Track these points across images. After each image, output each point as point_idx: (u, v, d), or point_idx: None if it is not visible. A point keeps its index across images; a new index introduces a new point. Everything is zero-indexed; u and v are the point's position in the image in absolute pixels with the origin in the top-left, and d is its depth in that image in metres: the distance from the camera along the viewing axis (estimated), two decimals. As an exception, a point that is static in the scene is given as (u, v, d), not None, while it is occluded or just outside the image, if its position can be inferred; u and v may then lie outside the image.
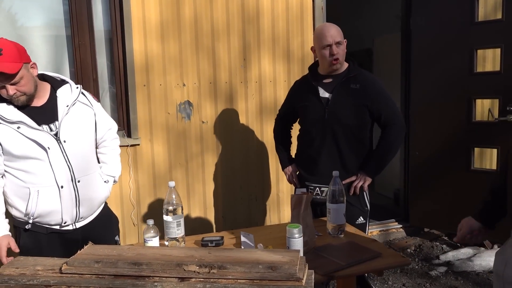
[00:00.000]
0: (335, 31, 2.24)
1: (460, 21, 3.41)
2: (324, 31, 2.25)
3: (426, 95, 3.65)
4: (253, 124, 3.42)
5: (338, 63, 2.27)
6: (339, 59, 2.26)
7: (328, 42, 2.24)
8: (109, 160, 2.13)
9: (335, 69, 2.31)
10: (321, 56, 2.29)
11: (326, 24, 2.30)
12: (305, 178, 2.46)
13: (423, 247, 3.78)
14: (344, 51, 2.27)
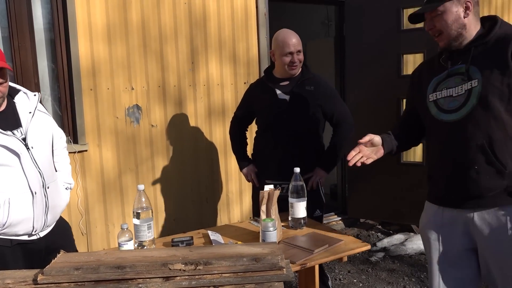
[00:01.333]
0: (296, 40, 2.40)
1: (389, 29, 3.76)
2: (287, 39, 2.39)
3: (360, 97, 3.96)
4: (202, 126, 3.48)
5: (296, 68, 2.43)
6: (298, 65, 2.43)
7: (291, 50, 2.39)
8: (63, 168, 2.09)
9: (293, 74, 2.46)
10: (282, 61, 2.43)
11: (288, 32, 2.44)
12: (265, 176, 2.58)
13: (361, 236, 4.09)
14: (302, 57, 2.44)
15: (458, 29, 1.63)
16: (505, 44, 1.55)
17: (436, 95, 1.70)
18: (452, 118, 1.64)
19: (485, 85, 1.55)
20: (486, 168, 1.58)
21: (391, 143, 1.85)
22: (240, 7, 3.52)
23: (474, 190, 1.61)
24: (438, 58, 1.76)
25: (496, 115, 1.56)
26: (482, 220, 1.63)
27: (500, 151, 1.57)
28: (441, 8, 1.61)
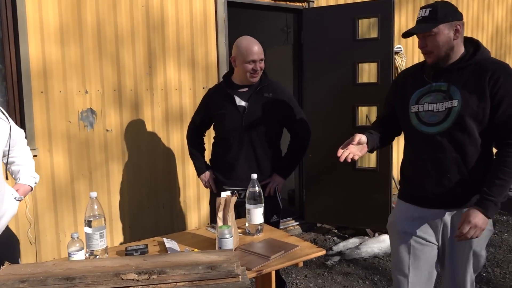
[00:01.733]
0: (259, 49, 2.41)
1: (344, 38, 3.86)
2: (251, 47, 2.39)
3: (317, 103, 4.04)
4: (160, 131, 3.42)
5: (258, 77, 2.44)
6: (259, 74, 2.44)
7: (254, 58, 2.39)
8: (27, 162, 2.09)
9: (253, 82, 2.47)
10: (244, 68, 2.42)
11: (251, 40, 2.43)
12: (222, 183, 2.57)
13: (317, 240, 4.15)
14: (263, 66, 2.45)
15: (447, 50, 1.79)
16: (483, 72, 1.75)
17: (418, 107, 1.87)
18: (431, 131, 1.83)
19: (464, 107, 1.75)
20: (457, 177, 1.81)
21: (374, 141, 1.99)
22: (199, 12, 3.50)
23: (444, 194, 1.83)
24: (421, 71, 1.92)
25: (470, 133, 1.77)
26: (449, 217, 1.85)
27: (470, 163, 1.79)
28: (435, 30, 1.75)
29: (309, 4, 4.09)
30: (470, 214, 1.72)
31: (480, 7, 5.58)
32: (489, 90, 1.72)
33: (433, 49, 1.78)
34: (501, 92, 1.72)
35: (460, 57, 1.82)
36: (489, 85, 1.72)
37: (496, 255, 3.73)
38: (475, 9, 5.53)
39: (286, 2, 3.98)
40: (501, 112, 1.73)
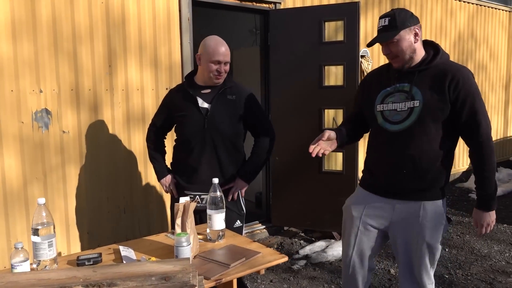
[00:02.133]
0: (227, 50, 2.33)
1: (311, 40, 3.84)
2: (219, 48, 2.31)
3: (283, 106, 4.00)
4: (120, 133, 3.29)
5: (221, 79, 2.37)
6: (223, 76, 2.36)
7: (219, 59, 2.31)
8: None
9: (217, 83, 2.39)
10: (207, 68, 2.34)
11: (219, 40, 2.35)
12: (184, 187, 2.48)
13: (284, 244, 4.11)
14: (228, 68, 2.38)
15: (411, 54, 1.93)
16: (444, 76, 1.89)
17: (383, 106, 2.02)
18: (394, 129, 1.97)
19: (424, 107, 1.89)
20: (412, 173, 1.96)
21: (342, 137, 2.12)
22: (162, 10, 3.39)
23: (399, 186, 2.00)
24: (387, 72, 2.07)
25: (428, 132, 1.92)
26: (401, 209, 2.02)
27: (425, 161, 1.94)
28: (397, 37, 1.89)
29: (275, 5, 4.05)
30: (478, 217, 1.98)
31: (443, 13, 5.71)
32: (449, 93, 1.86)
33: (398, 54, 1.92)
34: (462, 95, 1.86)
35: (422, 59, 1.95)
36: (449, 89, 1.86)
37: (459, 257, 3.80)
38: (438, 15, 5.65)
39: (253, 3, 3.93)
40: (466, 113, 1.87)
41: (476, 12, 6.18)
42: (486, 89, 6.55)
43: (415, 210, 1.98)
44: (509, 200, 5.52)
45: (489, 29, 6.45)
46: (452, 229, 4.49)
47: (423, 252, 1.99)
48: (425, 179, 1.95)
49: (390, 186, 2.02)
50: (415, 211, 1.98)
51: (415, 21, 1.92)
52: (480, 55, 6.37)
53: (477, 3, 6.15)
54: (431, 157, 1.93)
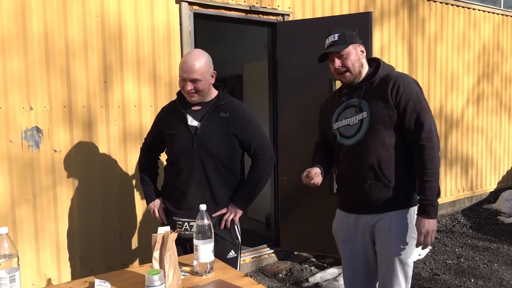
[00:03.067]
0: (194, 67, 2.09)
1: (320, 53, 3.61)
2: (184, 64, 2.11)
3: (292, 122, 3.77)
4: (116, 152, 3.12)
5: (194, 97, 2.17)
6: (196, 94, 2.16)
7: (183, 77, 2.12)
8: None
9: (194, 101, 2.20)
10: (179, 85, 2.18)
11: (191, 55, 2.14)
12: (172, 213, 2.27)
13: (293, 270, 3.83)
14: (203, 85, 2.15)
15: (359, 67, 2.03)
16: (386, 84, 1.98)
17: (338, 124, 2.10)
18: (350, 143, 2.05)
19: (372, 116, 1.98)
20: (375, 183, 2.00)
21: (325, 168, 2.19)
22: (162, 23, 3.24)
23: (368, 200, 2.02)
24: (339, 93, 2.18)
25: (381, 140, 1.98)
26: (375, 222, 2.04)
27: (386, 168, 1.98)
28: (346, 50, 2.00)
29: (283, 17, 3.86)
30: (419, 224, 1.95)
31: (466, 24, 5.40)
32: (392, 99, 1.94)
33: (348, 67, 2.00)
34: (403, 99, 1.94)
35: (366, 74, 2.06)
36: (391, 95, 1.94)
37: (485, 289, 3.44)
38: (461, 27, 5.35)
39: (259, 15, 3.74)
40: (408, 117, 1.94)
41: (502, 23, 5.84)
42: (514, 104, 6.16)
43: (385, 221, 2.01)
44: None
45: (516, 41, 6.09)
46: (479, 256, 4.11)
47: (395, 268, 2.01)
48: (390, 187, 1.99)
49: (358, 201, 2.06)
50: (386, 223, 2.01)
51: (359, 41, 2.06)
52: (508, 67, 6.00)
53: (503, 13, 5.82)
54: (391, 164, 1.98)
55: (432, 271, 3.77)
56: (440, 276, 3.69)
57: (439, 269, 3.82)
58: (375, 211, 2.03)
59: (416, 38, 4.88)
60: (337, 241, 2.23)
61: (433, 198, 1.94)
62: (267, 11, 3.74)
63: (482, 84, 5.66)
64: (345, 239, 2.15)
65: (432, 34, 5.03)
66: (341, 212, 2.20)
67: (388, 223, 2.01)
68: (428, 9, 4.96)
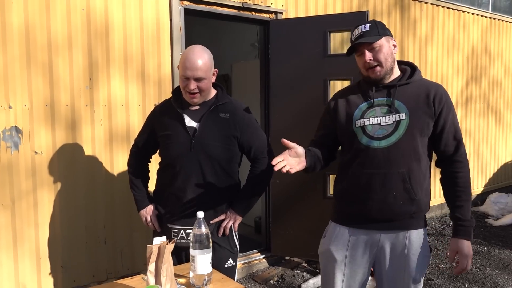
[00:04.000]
0: (198, 65, 1.95)
1: (315, 52, 3.52)
2: (188, 60, 1.96)
3: (284, 124, 3.66)
4: (101, 154, 2.95)
5: (196, 98, 2.03)
6: (198, 95, 2.02)
7: (187, 75, 1.98)
8: None
9: (193, 103, 2.06)
10: (181, 84, 2.03)
11: (194, 51, 1.99)
12: (167, 220, 2.13)
13: (285, 276, 3.72)
14: (207, 85, 2.01)
15: (392, 63, 1.81)
16: (427, 90, 1.81)
17: (363, 121, 1.82)
18: (381, 145, 1.78)
19: (412, 120, 1.77)
20: (402, 195, 1.77)
21: (312, 159, 1.87)
22: (151, 18, 3.08)
23: (387, 213, 1.79)
24: (358, 89, 1.91)
25: (415, 148, 1.78)
26: (387, 241, 1.83)
27: (414, 180, 1.78)
28: (379, 42, 1.77)
29: (277, 15, 3.74)
30: (461, 247, 1.78)
31: (456, 27, 5.39)
32: (434, 107, 1.78)
33: (380, 61, 1.78)
34: (445, 111, 1.78)
35: (400, 74, 1.86)
36: (434, 103, 1.78)
37: (480, 294, 3.39)
38: (451, 29, 5.33)
39: (252, 12, 3.62)
40: (447, 130, 1.79)
41: (490, 26, 5.86)
42: (500, 107, 6.18)
43: (400, 241, 1.82)
44: None
45: (504, 44, 6.12)
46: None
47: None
48: (414, 202, 1.79)
49: (378, 213, 1.80)
50: (401, 243, 1.82)
51: (391, 34, 1.86)
52: (495, 71, 6.02)
53: (492, 16, 5.84)
54: (419, 176, 1.80)
55: (426, 276, 3.71)
56: (434, 281, 3.63)
57: (432, 274, 3.76)
58: (391, 227, 1.81)
59: (408, 39, 4.83)
60: (326, 262, 1.94)
61: (470, 217, 1.80)
62: (260, 8, 3.61)
63: (471, 87, 5.66)
64: (343, 260, 1.88)
65: (423, 36, 4.99)
66: (340, 227, 1.91)
67: (405, 243, 1.81)
68: (420, 10, 4.92)
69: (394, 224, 1.81)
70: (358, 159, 1.83)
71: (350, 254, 1.87)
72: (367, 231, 1.85)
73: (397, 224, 1.81)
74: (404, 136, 1.75)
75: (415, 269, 1.81)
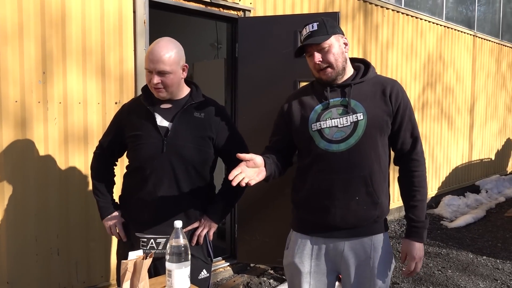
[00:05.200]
0: (162, 57, 1.78)
1: (285, 53, 3.42)
2: (150, 54, 1.80)
3: (252, 126, 3.52)
4: (55, 155, 2.67)
5: (162, 92, 1.86)
6: (164, 90, 1.85)
7: (149, 68, 1.81)
8: None
9: (162, 98, 1.89)
10: (146, 79, 1.87)
11: (159, 43, 1.82)
12: (135, 228, 1.92)
13: (251, 284, 3.58)
14: (172, 80, 1.84)
15: (343, 63, 1.72)
16: (382, 87, 1.72)
17: (320, 124, 1.72)
18: (340, 148, 1.68)
19: (370, 119, 1.67)
20: (365, 199, 1.69)
21: (272, 167, 1.75)
22: (113, 9, 2.84)
23: (351, 220, 1.70)
24: (312, 92, 1.80)
25: (375, 148, 1.69)
26: (350, 249, 1.73)
27: (376, 182, 1.70)
28: (328, 41, 1.67)
29: (245, 13, 3.61)
30: (411, 248, 1.73)
31: (414, 33, 5.52)
32: (392, 105, 1.70)
33: (330, 61, 1.69)
34: (402, 107, 1.71)
35: (354, 73, 1.78)
36: (391, 99, 1.70)
37: (445, 297, 3.43)
38: (410, 35, 5.45)
39: (219, 8, 3.46)
40: (404, 127, 1.72)
41: (444, 34, 6.06)
42: (452, 113, 6.42)
43: (365, 248, 1.73)
44: (481, 228, 5.30)
45: (456, 52, 6.37)
46: (432, 262, 4.13)
47: None
48: (377, 206, 1.71)
49: (341, 219, 1.70)
50: (366, 249, 1.73)
51: (342, 32, 1.77)
52: (448, 78, 6.25)
53: (445, 25, 6.05)
54: (380, 178, 1.72)
55: (391, 280, 3.71)
56: (400, 285, 3.64)
57: (397, 278, 3.77)
58: (355, 234, 1.72)
59: (370, 43, 4.87)
60: (292, 275, 1.83)
61: (424, 219, 1.73)
62: (228, 5, 3.46)
63: (427, 92, 5.82)
64: (308, 271, 1.78)
65: (385, 41, 5.06)
66: (303, 236, 1.79)
67: (369, 250, 1.72)
68: (382, 15, 4.98)
69: (358, 231, 1.72)
70: (317, 165, 1.72)
71: (315, 264, 1.78)
72: (331, 240, 1.74)
73: (360, 230, 1.72)
74: (364, 137, 1.67)
75: (381, 274, 1.74)
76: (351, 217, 1.69)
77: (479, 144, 7.22)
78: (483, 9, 7.27)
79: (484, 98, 7.26)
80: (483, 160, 7.39)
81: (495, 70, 7.54)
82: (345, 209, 1.69)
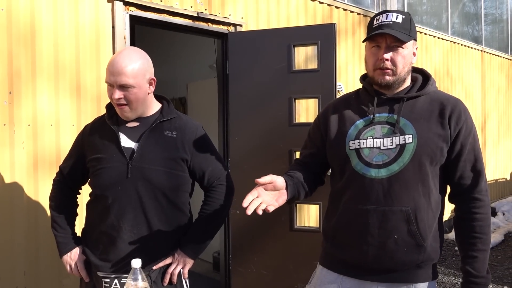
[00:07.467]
0: (123, 69, 1.56)
1: (278, 69, 3.19)
2: (110, 65, 1.58)
3: (245, 147, 3.27)
4: (23, 183, 2.42)
5: (125, 111, 1.63)
6: (127, 108, 1.62)
7: (110, 82, 1.59)
8: None
9: (125, 117, 1.65)
10: (108, 94, 1.64)
11: (122, 53, 1.61)
12: (96, 267, 1.68)
13: (247, 322, 3.24)
14: (137, 95, 1.60)
15: (406, 74, 1.48)
16: (441, 106, 1.46)
17: (359, 143, 1.47)
18: (380, 175, 1.43)
19: (420, 144, 1.42)
20: (406, 239, 1.43)
21: (295, 188, 1.51)
22: (89, 24, 2.64)
23: (387, 262, 1.45)
24: (356, 100, 1.57)
25: (424, 179, 1.43)
26: None
27: (422, 221, 1.42)
28: (407, 44, 1.44)
29: (236, 27, 3.41)
30: None
31: (419, 48, 5.29)
32: (450, 129, 1.43)
33: (398, 66, 1.43)
34: (464, 133, 1.43)
35: (410, 84, 1.52)
36: (450, 122, 1.43)
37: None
38: (413, 50, 5.23)
39: (208, 23, 3.26)
40: (465, 157, 1.44)
41: (450, 50, 5.83)
42: (463, 131, 6.13)
43: None
44: (500, 254, 4.92)
45: (464, 68, 6.12)
46: None
47: None
48: (421, 249, 1.43)
49: (375, 260, 1.45)
50: None
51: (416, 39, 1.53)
52: (456, 94, 5.97)
53: (452, 40, 5.82)
54: (428, 216, 1.44)
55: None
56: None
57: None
58: (392, 279, 1.45)
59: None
60: None
61: (485, 273, 1.44)
62: (217, 19, 3.27)
63: (434, 110, 5.56)
64: None
65: (388, 57, 4.84)
66: (329, 273, 1.56)
67: None
68: (384, 30, 4.77)
69: (396, 276, 1.45)
70: (350, 190, 1.48)
71: None
72: (361, 282, 1.48)
73: (399, 275, 1.45)
74: (410, 164, 1.41)
75: None
76: (386, 258, 1.44)
77: (493, 164, 6.88)
78: (489, 28, 7.06)
79: (496, 115, 6.95)
80: (498, 181, 7.03)
81: (506, 86, 7.26)
82: (380, 248, 1.44)
